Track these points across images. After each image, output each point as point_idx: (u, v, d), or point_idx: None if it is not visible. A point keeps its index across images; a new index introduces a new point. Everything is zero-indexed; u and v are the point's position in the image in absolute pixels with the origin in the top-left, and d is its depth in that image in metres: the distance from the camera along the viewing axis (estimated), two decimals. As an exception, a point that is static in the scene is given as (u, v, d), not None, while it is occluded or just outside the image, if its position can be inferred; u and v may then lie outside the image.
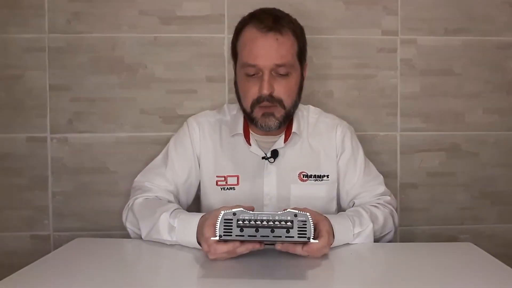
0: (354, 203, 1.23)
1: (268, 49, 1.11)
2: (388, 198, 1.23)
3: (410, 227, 1.56)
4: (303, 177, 1.21)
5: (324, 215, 1.02)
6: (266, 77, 1.11)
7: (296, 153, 1.23)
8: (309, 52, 1.49)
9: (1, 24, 1.48)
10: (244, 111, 1.20)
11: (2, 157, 1.50)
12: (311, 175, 1.22)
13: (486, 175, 1.58)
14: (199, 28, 1.51)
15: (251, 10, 1.20)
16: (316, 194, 1.22)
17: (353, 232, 1.05)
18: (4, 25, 1.47)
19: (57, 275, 0.87)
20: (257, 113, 1.15)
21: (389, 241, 1.19)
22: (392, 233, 1.19)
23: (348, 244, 1.05)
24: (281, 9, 1.20)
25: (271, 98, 1.12)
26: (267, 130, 1.17)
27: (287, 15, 1.18)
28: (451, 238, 1.57)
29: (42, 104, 1.49)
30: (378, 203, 1.20)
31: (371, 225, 1.08)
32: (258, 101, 1.13)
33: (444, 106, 1.56)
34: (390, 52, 1.54)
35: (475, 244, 1.06)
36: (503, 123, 1.57)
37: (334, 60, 1.53)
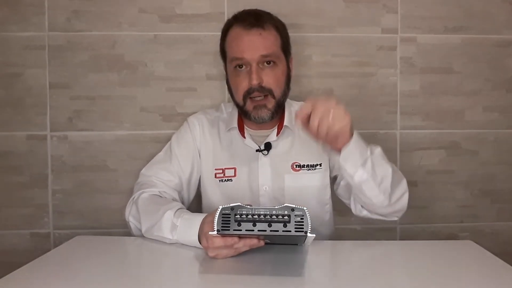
0: None
1: (253, 43, 1.17)
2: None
3: (409, 225, 1.56)
4: (296, 167, 1.25)
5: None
6: (254, 68, 1.17)
7: (288, 145, 1.27)
8: (309, 50, 1.51)
9: (1, 22, 1.48)
10: (237, 105, 1.25)
11: (2, 155, 1.50)
12: (304, 165, 1.26)
13: (486, 173, 1.58)
14: (199, 26, 1.51)
15: (250, 8, 1.24)
16: (309, 183, 1.26)
17: (367, 147, 1.06)
18: (4, 23, 1.48)
19: (57, 273, 0.87)
20: (249, 106, 1.20)
21: (404, 195, 1.12)
22: (405, 185, 1.13)
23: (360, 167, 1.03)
24: (280, 7, 1.24)
25: (261, 88, 1.18)
26: (261, 122, 1.22)
27: (269, 13, 1.25)
28: (451, 236, 1.57)
29: (42, 102, 1.50)
30: None
31: (378, 148, 1.09)
32: (249, 92, 1.18)
33: (444, 104, 1.56)
34: (390, 50, 1.54)
35: (475, 242, 1.06)
36: (503, 121, 1.57)
37: (333, 58, 1.53)
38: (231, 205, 0.86)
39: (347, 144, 1.00)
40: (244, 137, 1.26)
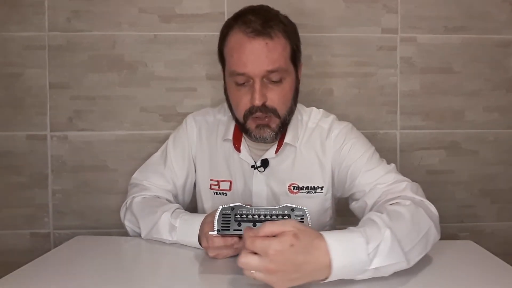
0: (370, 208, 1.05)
1: (257, 55, 1.01)
2: (404, 184, 1.03)
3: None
4: (294, 189, 1.15)
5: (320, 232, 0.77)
6: (257, 86, 1.02)
7: (287, 164, 1.15)
8: (309, 50, 1.51)
9: (1, 22, 1.48)
10: (237, 121, 1.13)
11: (2, 155, 1.50)
12: (303, 186, 1.15)
13: (486, 173, 1.58)
14: (199, 26, 1.51)
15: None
16: (307, 208, 1.10)
17: (368, 250, 0.76)
18: (4, 23, 1.48)
19: (57, 273, 0.87)
20: (251, 124, 1.07)
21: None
22: (434, 231, 0.90)
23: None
24: (280, 7, 1.15)
25: (264, 108, 1.04)
26: (263, 142, 1.11)
27: (277, 13, 1.09)
28: (451, 236, 1.57)
29: (42, 102, 1.50)
30: (397, 198, 0.98)
31: (387, 230, 0.79)
32: (250, 112, 1.05)
33: (444, 104, 1.56)
34: (390, 50, 1.54)
35: (475, 242, 1.06)
36: (503, 121, 1.57)
37: (333, 58, 1.53)
38: (231, 205, 0.86)
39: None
40: (239, 151, 1.15)
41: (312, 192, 1.15)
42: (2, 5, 1.47)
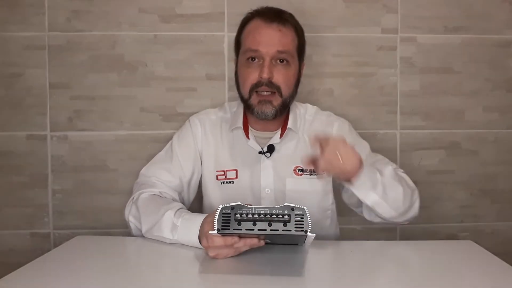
0: None
1: (271, 37, 1.17)
2: (404, 175, 1.21)
3: (410, 225, 1.54)
4: (298, 171, 1.24)
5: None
6: (266, 63, 1.16)
7: (292, 148, 1.26)
8: (309, 50, 1.50)
9: (1, 22, 1.48)
10: (242, 98, 1.23)
11: (2, 155, 1.50)
12: (306, 169, 1.24)
13: (486, 173, 1.58)
14: (199, 26, 1.51)
15: (250, 8, 1.24)
16: (311, 188, 1.24)
17: (376, 171, 1.07)
18: (4, 23, 1.47)
19: (57, 273, 0.87)
20: (254, 100, 1.19)
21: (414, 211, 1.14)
22: (416, 195, 1.16)
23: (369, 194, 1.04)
24: (281, 6, 1.24)
25: (270, 83, 1.17)
26: (263, 118, 1.20)
27: (291, 14, 1.24)
28: (451, 236, 1.57)
29: (42, 102, 1.49)
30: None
31: (389, 166, 1.12)
32: (257, 85, 1.18)
33: (444, 104, 1.56)
34: (390, 50, 1.54)
35: (475, 242, 1.06)
36: (503, 121, 1.57)
37: (333, 58, 1.53)
38: (231, 204, 0.86)
39: (357, 176, 1.01)
40: (248, 138, 1.24)
41: (315, 174, 1.24)
42: (2, 5, 1.47)
